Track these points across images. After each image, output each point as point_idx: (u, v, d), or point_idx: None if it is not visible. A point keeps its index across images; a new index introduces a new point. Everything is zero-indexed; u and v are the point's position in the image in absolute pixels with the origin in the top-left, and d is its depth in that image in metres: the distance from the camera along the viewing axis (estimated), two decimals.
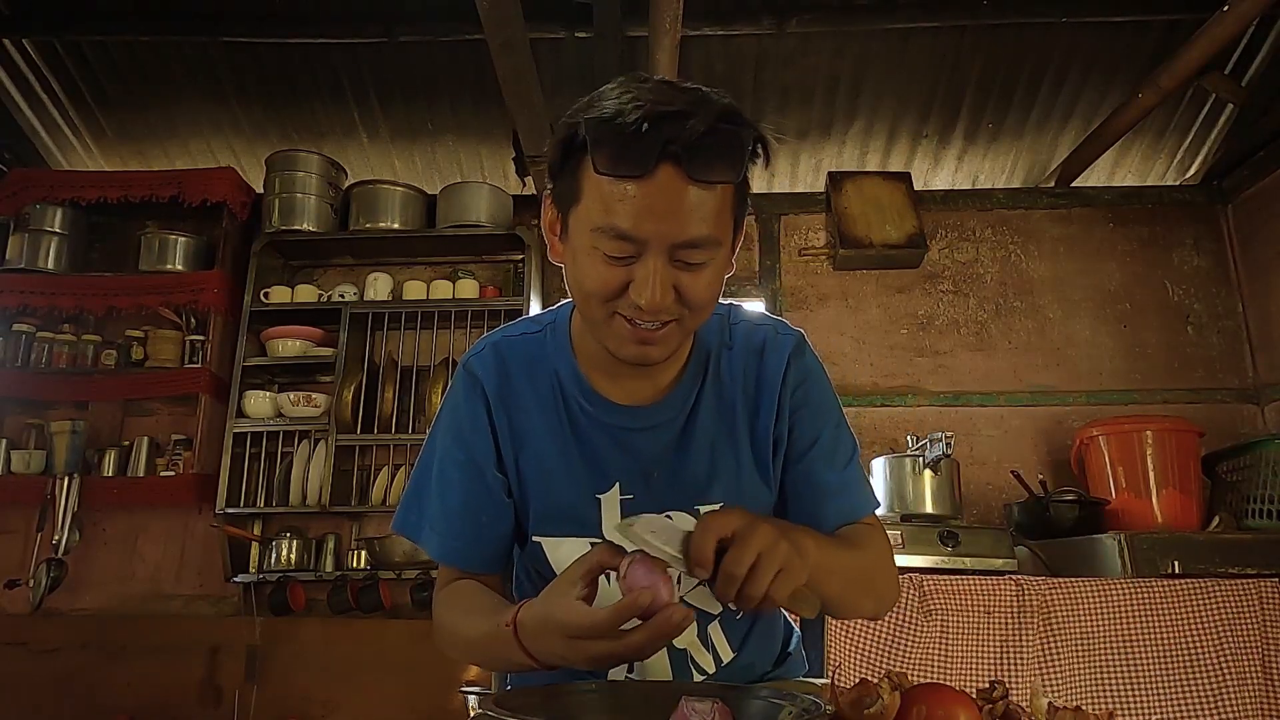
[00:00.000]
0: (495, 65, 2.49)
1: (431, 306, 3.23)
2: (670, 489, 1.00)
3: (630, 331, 0.87)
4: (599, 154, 0.81)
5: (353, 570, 3.08)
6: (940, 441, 2.67)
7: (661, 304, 0.84)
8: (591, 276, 0.86)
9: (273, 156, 3.36)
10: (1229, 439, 2.90)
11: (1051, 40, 3.13)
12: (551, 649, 0.78)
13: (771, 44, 3.16)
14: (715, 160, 0.81)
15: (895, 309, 3.39)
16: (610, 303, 0.86)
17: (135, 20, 3.19)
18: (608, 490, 1.00)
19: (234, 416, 3.12)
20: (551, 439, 1.00)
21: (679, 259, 0.84)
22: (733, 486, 1.01)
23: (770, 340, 1.06)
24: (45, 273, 3.26)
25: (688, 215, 0.82)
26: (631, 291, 0.84)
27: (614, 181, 0.81)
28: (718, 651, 1.03)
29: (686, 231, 0.82)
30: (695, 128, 0.78)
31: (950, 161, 3.57)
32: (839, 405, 1.08)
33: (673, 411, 1.01)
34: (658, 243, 0.82)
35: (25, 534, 3.13)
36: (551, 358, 1.03)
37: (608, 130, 0.80)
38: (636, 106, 0.79)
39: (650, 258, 0.83)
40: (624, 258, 0.84)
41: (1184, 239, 3.39)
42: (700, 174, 0.80)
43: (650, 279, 0.83)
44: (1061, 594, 2.19)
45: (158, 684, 3.03)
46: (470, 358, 1.05)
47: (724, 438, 1.02)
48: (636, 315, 0.86)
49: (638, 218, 0.81)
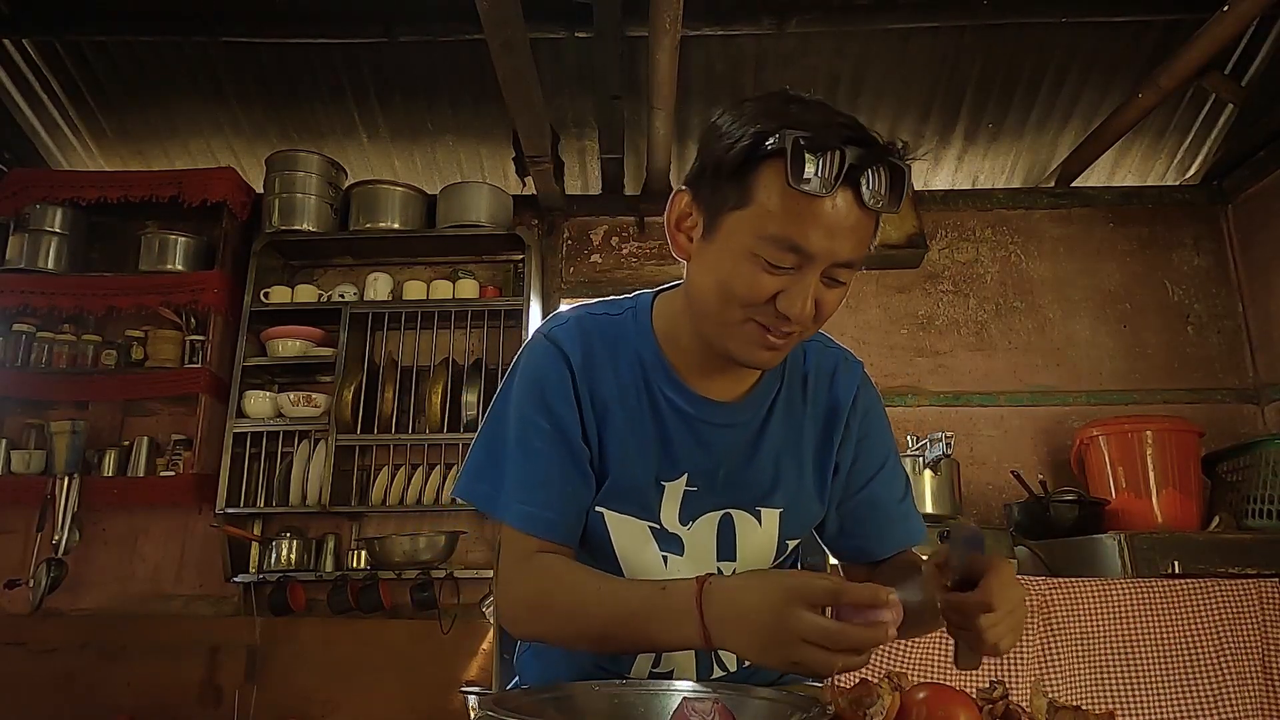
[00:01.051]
0: (495, 65, 2.49)
1: (431, 306, 3.23)
2: (734, 488, 1.03)
3: (760, 337, 0.91)
4: (798, 168, 0.84)
5: (353, 570, 3.08)
6: (940, 441, 2.67)
7: (807, 318, 0.89)
8: (744, 281, 0.89)
9: (273, 156, 3.36)
10: (1229, 439, 2.90)
11: (1051, 40, 3.12)
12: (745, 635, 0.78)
13: (771, 44, 3.16)
14: (887, 191, 0.87)
15: (895, 309, 3.39)
16: (751, 308, 0.90)
17: (135, 20, 3.18)
18: (675, 479, 1.02)
19: (234, 416, 3.12)
20: (629, 418, 1.02)
21: (828, 276, 0.89)
22: (793, 496, 1.05)
23: (841, 365, 1.11)
24: (45, 273, 3.26)
25: (853, 239, 0.87)
26: (780, 301, 0.88)
27: (801, 196, 0.84)
28: None
29: (847, 252, 0.88)
30: (879, 158, 0.85)
31: (950, 161, 3.57)
32: (894, 438, 1.14)
33: (749, 413, 1.04)
34: (823, 260, 0.87)
35: (25, 534, 3.13)
36: (634, 341, 1.04)
37: (812, 147, 0.84)
38: (843, 125, 0.86)
39: (810, 272, 0.88)
40: (786, 268, 0.87)
41: (1184, 239, 3.39)
42: (874, 202, 0.86)
43: (806, 293, 0.88)
44: (1061, 594, 2.19)
45: (158, 684, 3.04)
46: (553, 329, 1.04)
47: (791, 448, 1.06)
48: (774, 324, 0.90)
49: (814, 234, 0.85)
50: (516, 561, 0.98)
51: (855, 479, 1.08)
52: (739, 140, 0.88)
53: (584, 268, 3.47)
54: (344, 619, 3.04)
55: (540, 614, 0.95)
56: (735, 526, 1.03)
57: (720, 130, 0.91)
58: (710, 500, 1.02)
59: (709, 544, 1.02)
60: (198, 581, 3.20)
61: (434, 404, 3.10)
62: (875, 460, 1.09)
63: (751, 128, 0.87)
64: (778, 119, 0.86)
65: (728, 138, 0.89)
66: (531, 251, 3.30)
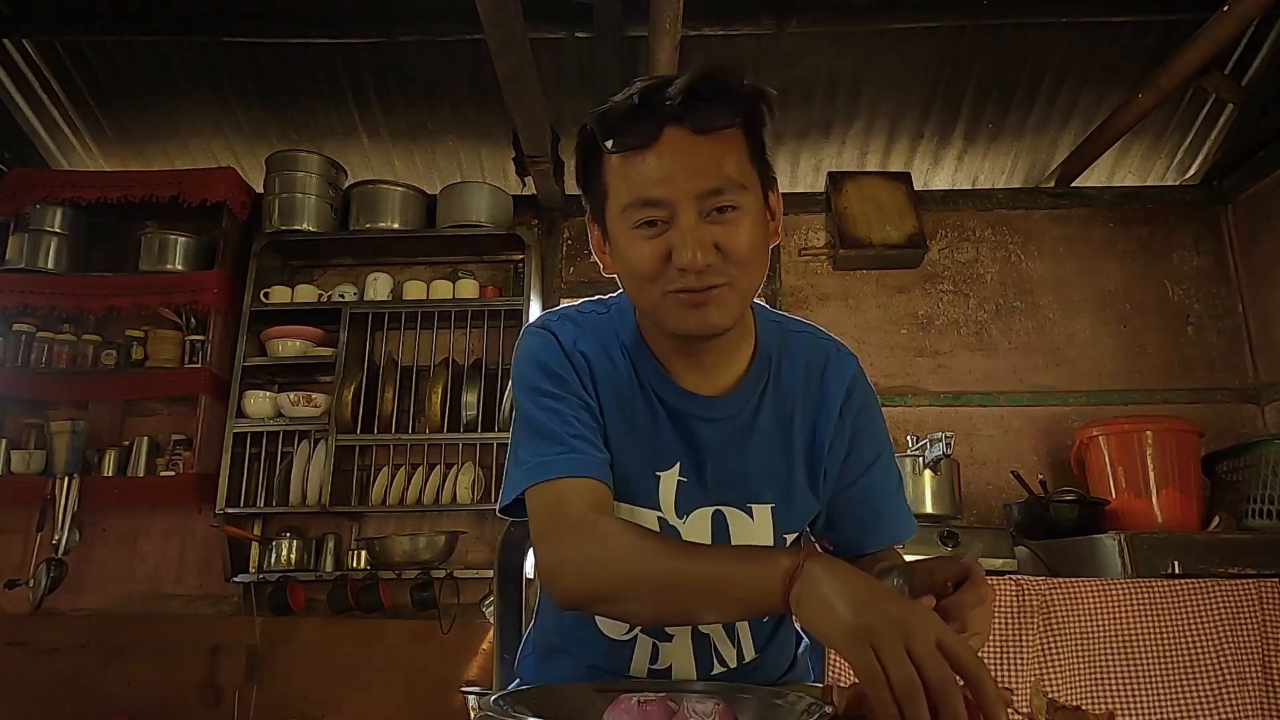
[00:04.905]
0: (495, 65, 2.49)
1: (431, 306, 3.23)
2: (724, 485, 1.01)
3: (686, 301, 0.89)
4: (606, 135, 0.87)
5: (352, 570, 3.08)
6: (940, 442, 2.67)
7: (703, 261, 0.86)
8: (635, 257, 0.89)
9: (273, 156, 3.36)
10: (1229, 439, 2.90)
11: (1051, 40, 3.12)
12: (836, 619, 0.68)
13: (771, 44, 3.16)
14: (712, 106, 0.85)
15: (895, 309, 3.39)
16: (659, 281, 0.89)
17: (135, 20, 3.18)
18: (668, 469, 1.01)
19: (234, 416, 3.12)
20: (619, 409, 1.01)
21: (709, 213, 0.87)
22: (784, 490, 1.03)
23: (833, 357, 1.08)
24: (45, 273, 3.26)
25: (704, 166, 0.86)
26: (674, 257, 0.86)
27: (626, 157, 0.87)
28: (742, 647, 1.05)
29: (707, 181, 0.86)
30: (684, 84, 0.84)
31: (950, 161, 3.57)
32: (888, 431, 1.12)
33: (735, 408, 1.02)
34: (684, 199, 0.86)
35: (25, 534, 3.13)
36: (621, 335, 1.04)
37: (608, 113, 0.87)
38: (634, 90, 0.87)
39: (681, 216, 0.86)
40: (657, 224, 0.87)
41: (1184, 239, 3.39)
42: (702, 124, 0.85)
43: (686, 237, 0.85)
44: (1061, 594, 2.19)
45: (158, 684, 3.04)
46: (546, 321, 1.05)
47: (780, 443, 1.04)
48: (685, 284, 0.87)
49: (657, 181, 0.86)
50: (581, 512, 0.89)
51: (848, 473, 1.06)
52: (576, 147, 0.95)
53: (584, 267, 3.47)
54: (344, 619, 3.04)
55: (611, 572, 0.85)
56: (728, 523, 1.02)
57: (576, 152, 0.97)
58: (701, 495, 1.01)
59: (705, 539, 1.02)
60: (198, 581, 3.20)
61: (434, 404, 3.10)
62: (869, 454, 1.07)
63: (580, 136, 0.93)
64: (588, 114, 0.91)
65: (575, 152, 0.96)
66: (531, 251, 3.30)
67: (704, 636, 1.03)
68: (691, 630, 1.02)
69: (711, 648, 1.03)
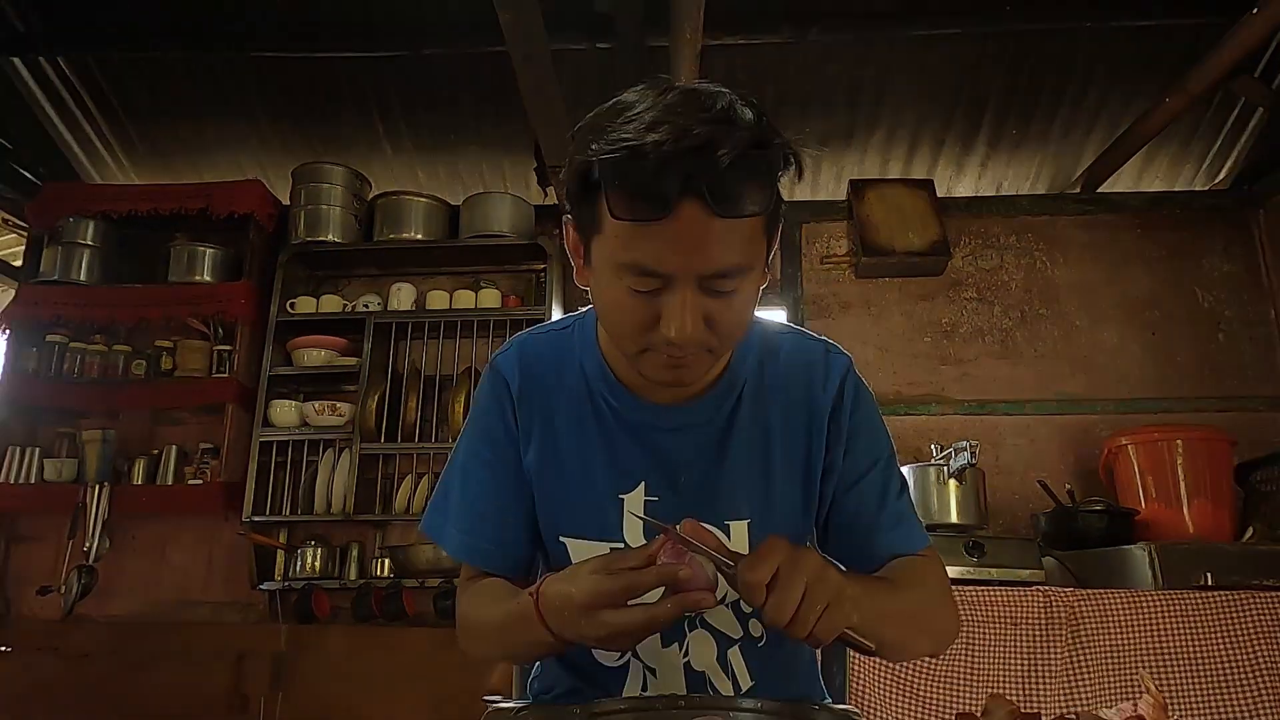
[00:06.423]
0: (517, 77, 2.51)
1: (454, 316, 3.25)
2: (699, 499, 0.96)
3: (665, 361, 0.85)
4: (615, 198, 0.77)
5: (377, 578, 3.10)
6: (965, 450, 2.64)
7: (693, 336, 0.81)
8: (621, 309, 0.83)
9: (298, 169, 3.41)
10: (1263, 448, 2.83)
11: (1076, 45, 3.10)
12: (571, 621, 0.79)
13: (793, 52, 3.15)
14: (743, 193, 0.76)
15: (919, 317, 3.36)
16: (641, 336, 0.84)
17: (166, 38, 3.25)
18: (631, 490, 0.97)
19: (260, 425, 3.16)
20: (577, 435, 0.99)
21: (709, 288, 0.80)
22: (761, 504, 0.98)
23: (821, 359, 1.02)
24: (78, 284, 3.32)
25: (715, 248, 0.78)
26: (661, 325, 0.81)
27: (634, 224, 0.77)
28: (737, 678, 0.99)
29: (714, 263, 0.79)
30: (720, 161, 0.73)
31: (974, 168, 3.54)
32: (889, 435, 1.05)
33: (705, 415, 0.98)
34: (685, 276, 0.79)
35: (57, 541, 3.18)
36: (578, 353, 1.01)
37: (623, 172, 0.75)
38: (655, 142, 0.73)
39: (678, 290, 0.80)
40: (651, 291, 0.81)
41: (1214, 244, 3.34)
42: (728, 210, 0.76)
43: (680, 312, 0.80)
44: (1090, 605, 2.15)
45: (185, 690, 3.07)
46: (497, 357, 1.04)
47: (760, 451, 0.98)
48: (669, 349, 0.83)
49: (661, 255, 0.78)
50: (461, 589, 1.04)
51: (844, 480, 0.99)
52: (573, 167, 0.82)
53: None
54: (368, 627, 3.06)
55: (467, 631, 1.00)
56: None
57: (567, 156, 0.85)
58: (674, 511, 0.90)
59: None
60: (224, 589, 3.24)
61: (457, 413, 3.12)
62: (865, 460, 0.99)
63: (579, 156, 0.81)
64: (597, 141, 0.78)
65: (567, 166, 0.84)
66: (553, 261, 3.31)
67: (698, 673, 0.98)
68: (684, 666, 0.98)
69: (706, 681, 0.98)
